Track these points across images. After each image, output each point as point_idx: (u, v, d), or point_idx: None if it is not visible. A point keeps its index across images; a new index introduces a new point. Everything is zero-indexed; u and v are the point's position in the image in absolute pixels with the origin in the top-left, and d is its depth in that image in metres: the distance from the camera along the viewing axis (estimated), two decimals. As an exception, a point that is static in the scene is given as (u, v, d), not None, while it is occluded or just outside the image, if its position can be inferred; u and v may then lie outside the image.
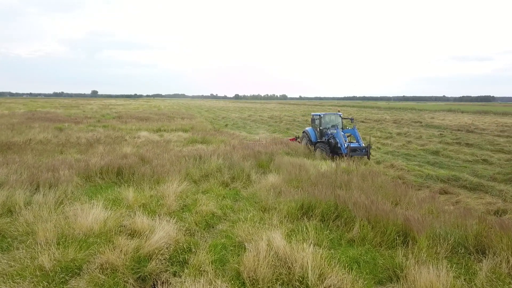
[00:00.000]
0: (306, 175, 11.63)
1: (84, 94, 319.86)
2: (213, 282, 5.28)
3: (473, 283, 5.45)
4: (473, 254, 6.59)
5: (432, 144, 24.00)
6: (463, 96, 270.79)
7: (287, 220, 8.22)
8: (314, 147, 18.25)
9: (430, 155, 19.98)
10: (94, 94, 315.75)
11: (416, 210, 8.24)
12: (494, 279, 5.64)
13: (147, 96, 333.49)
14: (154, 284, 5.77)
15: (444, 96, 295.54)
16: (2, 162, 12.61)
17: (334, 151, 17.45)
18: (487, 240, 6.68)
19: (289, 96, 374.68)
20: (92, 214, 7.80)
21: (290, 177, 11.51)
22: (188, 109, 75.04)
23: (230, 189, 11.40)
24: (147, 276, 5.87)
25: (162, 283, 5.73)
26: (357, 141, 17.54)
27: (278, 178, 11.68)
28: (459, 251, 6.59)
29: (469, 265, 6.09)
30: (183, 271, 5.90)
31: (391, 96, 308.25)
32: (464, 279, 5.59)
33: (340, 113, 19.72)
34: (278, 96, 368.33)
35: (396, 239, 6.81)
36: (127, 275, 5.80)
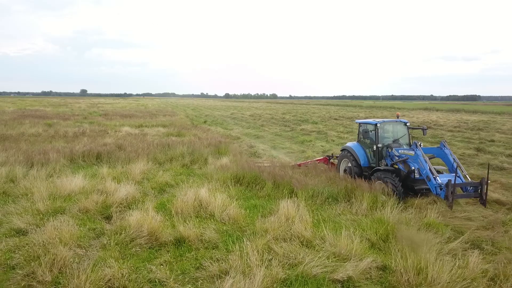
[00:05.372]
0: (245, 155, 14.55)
1: (73, 93, 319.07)
2: (151, 215, 8.08)
3: (320, 216, 8.42)
4: (342, 202, 9.55)
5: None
6: (449, 95, 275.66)
7: (221, 185, 11.09)
8: (369, 176, 11.02)
9: (374, 145, 23.05)
10: (83, 93, 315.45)
11: (314, 178, 11.22)
12: (339, 214, 8.64)
13: (137, 95, 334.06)
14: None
15: (431, 95, 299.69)
16: (1, 149, 15.27)
17: (406, 184, 10.34)
18: (352, 193, 9.69)
19: (279, 95, 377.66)
20: (74, 182, 10.60)
21: (235, 158, 14.43)
22: (175, 108, 77.48)
23: (188, 168, 14.24)
24: (110, 215, 8.66)
25: (121, 217, 8.54)
26: (451, 171, 10.09)
27: (228, 160, 14.58)
28: (329, 200, 9.58)
29: (327, 207, 9.08)
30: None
31: (380, 95, 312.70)
32: (318, 214, 8.57)
33: (404, 120, 12.33)
34: (268, 95, 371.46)
35: (287, 194, 9.74)
36: (97, 214, 8.61)
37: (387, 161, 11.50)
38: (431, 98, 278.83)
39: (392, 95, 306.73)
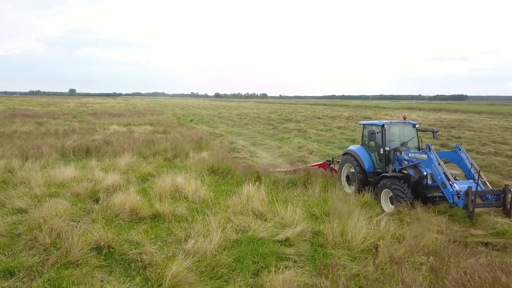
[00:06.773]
0: (225, 150, 16.07)
1: (62, 92, 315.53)
2: (133, 197, 9.49)
3: (277, 197, 9.97)
4: (299, 187, 11.11)
5: (358, 135, 28.84)
6: (437, 95, 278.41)
7: (197, 175, 12.55)
8: (375, 184, 10.37)
9: (347, 141, 24.70)
10: (72, 92, 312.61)
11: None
12: (296, 196, 10.21)
13: (127, 94, 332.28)
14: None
15: (420, 95, 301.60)
16: (-3, 145, 16.52)
17: (417, 191, 9.62)
18: (309, 180, 11.28)
19: (269, 95, 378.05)
20: (66, 172, 11.97)
21: (213, 152, 15.93)
22: (163, 107, 78.51)
23: (170, 161, 15.67)
24: (98, 198, 10.06)
25: (107, 200, 9.95)
26: (469, 177, 9.56)
27: (207, 154, 16.05)
28: (289, 186, 11.15)
29: (286, 191, 10.65)
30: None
31: (369, 94, 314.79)
32: (276, 195, 10.11)
33: (413, 122, 11.45)
34: (258, 94, 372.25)
35: (253, 180, 11.27)
36: (87, 198, 10.02)
37: (395, 166, 10.50)
38: (419, 97, 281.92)
39: (381, 94, 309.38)
